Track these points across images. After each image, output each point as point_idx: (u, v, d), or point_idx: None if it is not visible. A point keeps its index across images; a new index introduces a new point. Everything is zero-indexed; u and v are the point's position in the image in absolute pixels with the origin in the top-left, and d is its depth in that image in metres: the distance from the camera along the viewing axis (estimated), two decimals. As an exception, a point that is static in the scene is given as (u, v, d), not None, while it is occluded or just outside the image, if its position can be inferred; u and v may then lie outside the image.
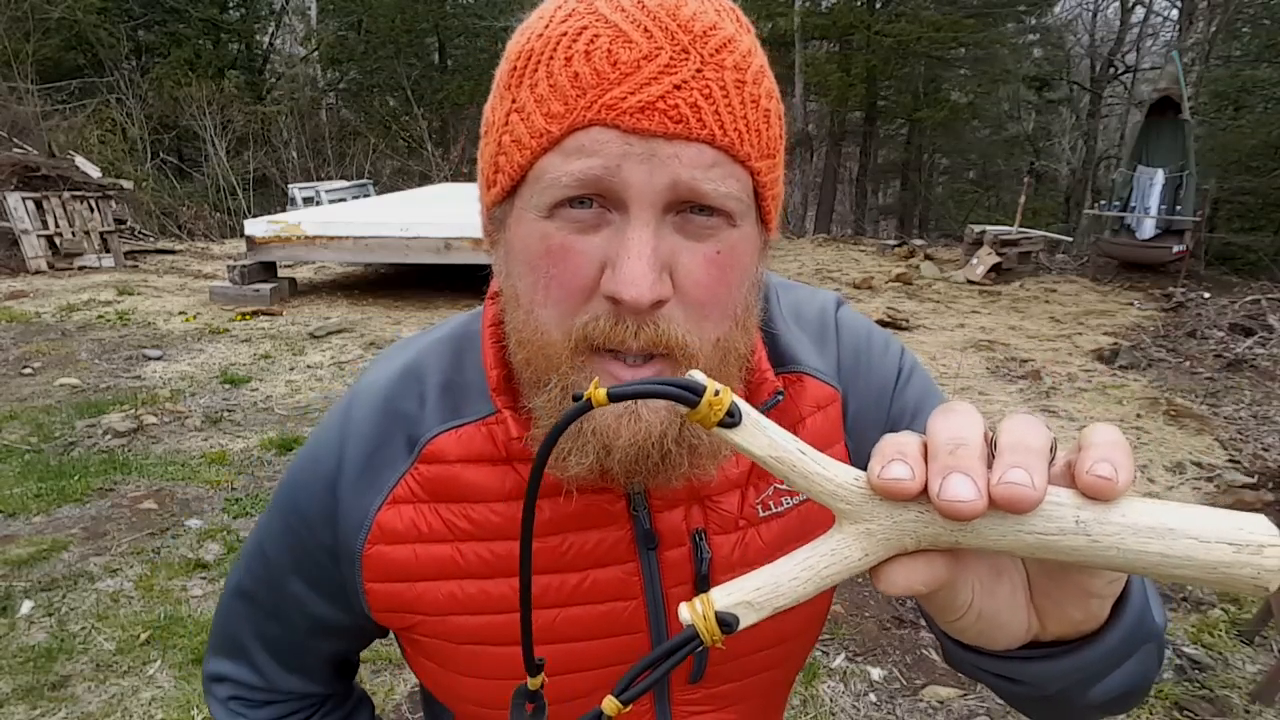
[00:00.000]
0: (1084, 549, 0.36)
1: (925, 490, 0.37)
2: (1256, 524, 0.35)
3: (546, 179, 0.54)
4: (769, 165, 0.57)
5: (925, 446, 0.38)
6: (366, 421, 0.68)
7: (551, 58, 0.53)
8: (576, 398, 0.39)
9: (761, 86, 0.55)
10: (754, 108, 0.54)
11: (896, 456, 0.37)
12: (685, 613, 0.39)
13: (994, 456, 0.37)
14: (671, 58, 0.51)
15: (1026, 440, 0.37)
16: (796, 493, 0.70)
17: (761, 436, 0.39)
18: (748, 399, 0.68)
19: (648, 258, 0.52)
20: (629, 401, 0.55)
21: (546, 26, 0.54)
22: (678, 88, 0.51)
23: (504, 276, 0.61)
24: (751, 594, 0.39)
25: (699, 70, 0.52)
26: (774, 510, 0.70)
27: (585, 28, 0.52)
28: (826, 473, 0.40)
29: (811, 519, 0.72)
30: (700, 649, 0.39)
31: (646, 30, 0.52)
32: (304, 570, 0.72)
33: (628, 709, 0.42)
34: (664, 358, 0.56)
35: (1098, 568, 0.38)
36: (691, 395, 0.38)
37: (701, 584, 0.68)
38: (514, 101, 0.55)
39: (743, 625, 0.39)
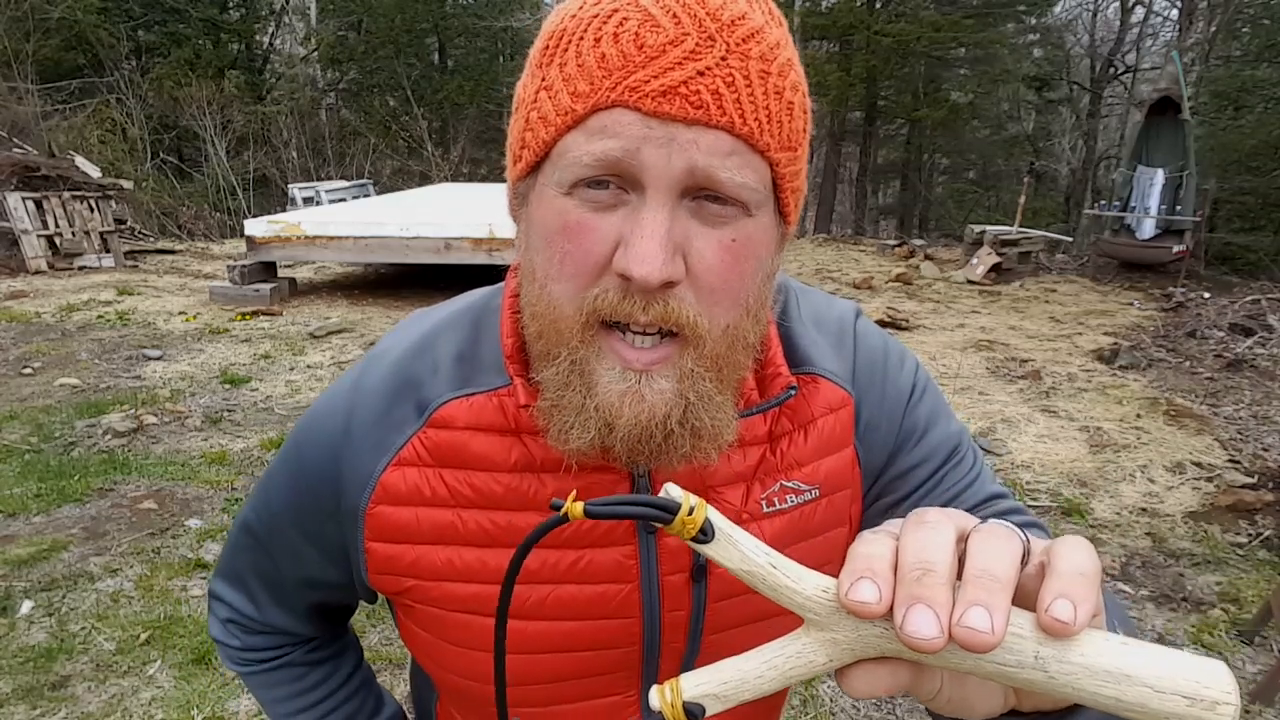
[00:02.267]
0: (1041, 683, 0.37)
1: (892, 609, 0.37)
2: (1214, 677, 0.35)
3: (568, 157, 0.54)
4: (790, 157, 0.57)
5: (896, 555, 0.39)
6: (378, 385, 0.69)
7: (581, 38, 0.54)
8: (555, 506, 0.41)
9: (787, 79, 0.55)
10: (777, 99, 0.55)
11: (865, 574, 0.37)
12: (655, 699, 0.41)
13: (962, 573, 0.37)
14: (697, 44, 0.52)
15: (992, 569, 0.37)
16: (801, 491, 0.71)
17: (734, 551, 0.41)
18: (760, 393, 0.68)
19: (660, 238, 0.52)
20: (633, 381, 0.56)
21: (580, 7, 0.55)
22: (701, 74, 0.52)
23: (523, 250, 0.62)
24: (719, 687, 0.41)
25: (723, 58, 0.52)
26: (778, 507, 0.70)
27: (616, 10, 0.53)
28: (795, 585, 0.41)
29: (812, 519, 0.72)
30: None
31: (675, 16, 0.52)
32: (302, 524, 0.73)
33: None
34: (673, 336, 0.56)
35: (1055, 698, 0.39)
36: (665, 514, 0.40)
37: (698, 574, 0.69)
38: (543, 79, 0.56)
39: (708, 715, 0.40)
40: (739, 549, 0.41)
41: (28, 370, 5.75)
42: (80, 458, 4.28)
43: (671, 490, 0.40)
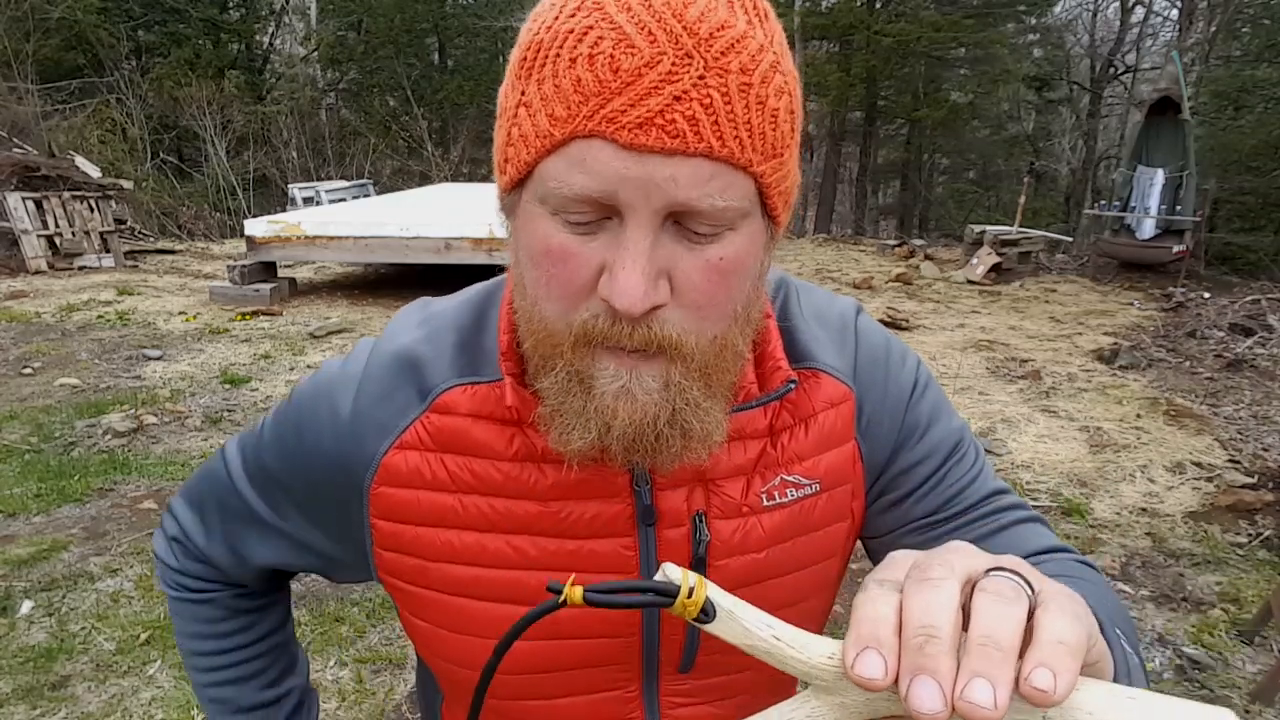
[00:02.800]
0: None
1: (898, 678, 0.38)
2: None
3: (549, 185, 0.54)
4: (775, 165, 0.56)
5: (900, 614, 0.39)
6: (383, 369, 0.70)
7: (557, 56, 0.53)
8: (555, 590, 0.42)
9: (770, 85, 0.54)
10: (759, 110, 0.53)
11: (871, 644, 0.38)
12: None
13: (967, 627, 0.37)
14: (674, 64, 0.50)
15: (995, 636, 0.37)
16: (802, 485, 0.71)
17: (736, 626, 0.41)
18: (760, 386, 0.69)
19: (642, 268, 0.52)
20: (625, 379, 0.57)
21: (555, 19, 0.54)
22: (677, 99, 0.50)
23: (514, 260, 0.62)
24: None
25: (701, 77, 0.51)
26: (778, 500, 0.70)
27: (590, 28, 0.52)
28: (801, 655, 0.41)
29: (813, 514, 0.72)
30: None
31: (650, 33, 0.51)
32: (293, 494, 0.74)
33: None
34: (660, 353, 0.57)
35: None
36: (666, 598, 0.40)
37: (698, 566, 0.69)
38: (522, 94, 0.56)
39: None
40: (742, 624, 0.41)
41: (28, 370, 5.75)
42: (80, 458, 4.28)
43: (670, 571, 0.41)
